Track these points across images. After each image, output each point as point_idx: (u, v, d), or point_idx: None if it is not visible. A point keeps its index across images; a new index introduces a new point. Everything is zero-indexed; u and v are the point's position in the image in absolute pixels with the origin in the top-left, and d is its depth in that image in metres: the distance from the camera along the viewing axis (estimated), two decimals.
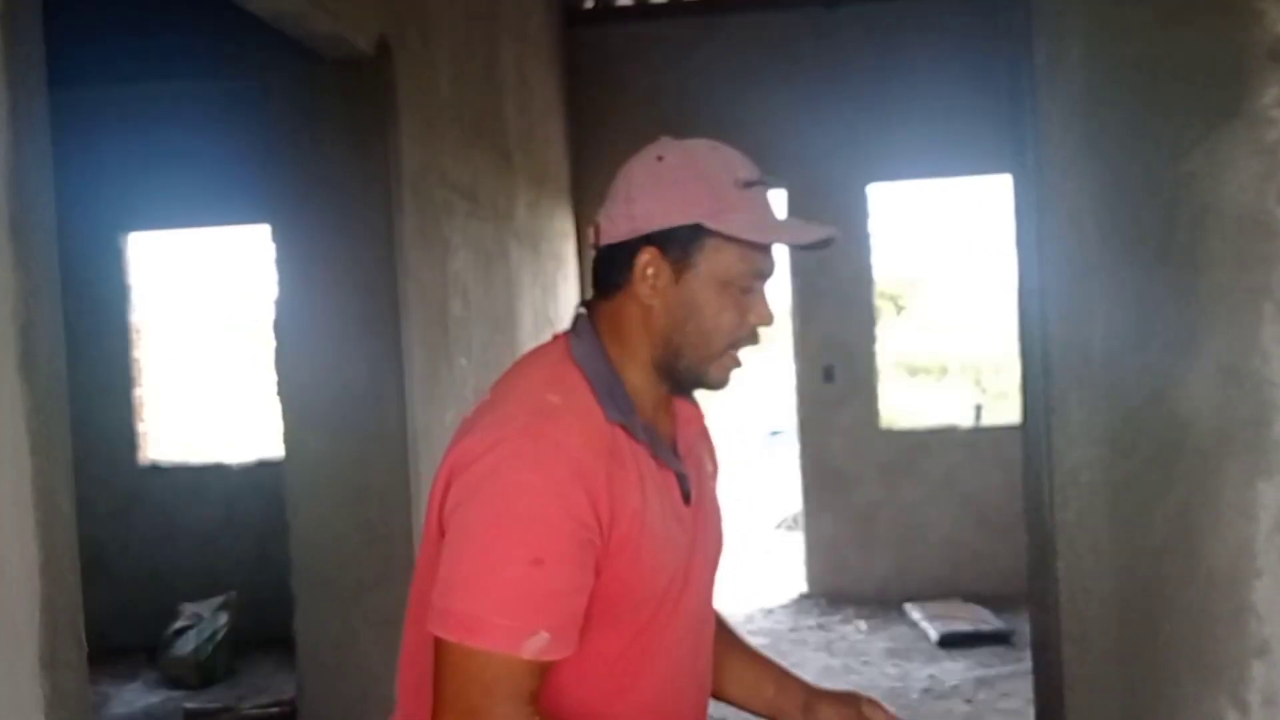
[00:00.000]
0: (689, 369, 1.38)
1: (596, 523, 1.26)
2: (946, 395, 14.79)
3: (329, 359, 3.29)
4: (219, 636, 5.65)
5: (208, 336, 13.77)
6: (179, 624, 5.73)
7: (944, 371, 17.21)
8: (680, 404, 1.49)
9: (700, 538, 1.47)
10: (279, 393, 3.34)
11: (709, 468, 1.56)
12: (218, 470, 6.50)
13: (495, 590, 1.22)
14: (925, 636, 6.06)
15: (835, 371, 6.91)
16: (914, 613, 6.34)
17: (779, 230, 1.37)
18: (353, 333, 3.29)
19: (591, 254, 1.44)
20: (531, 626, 1.21)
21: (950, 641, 5.86)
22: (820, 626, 6.43)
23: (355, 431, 3.25)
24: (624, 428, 1.34)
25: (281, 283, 3.36)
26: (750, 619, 6.64)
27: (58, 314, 1.82)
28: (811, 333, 6.93)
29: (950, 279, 18.72)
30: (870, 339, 6.95)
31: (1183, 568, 1.50)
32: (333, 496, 3.21)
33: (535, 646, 1.21)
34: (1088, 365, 1.57)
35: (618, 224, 1.37)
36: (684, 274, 1.35)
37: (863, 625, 6.42)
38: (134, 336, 6.50)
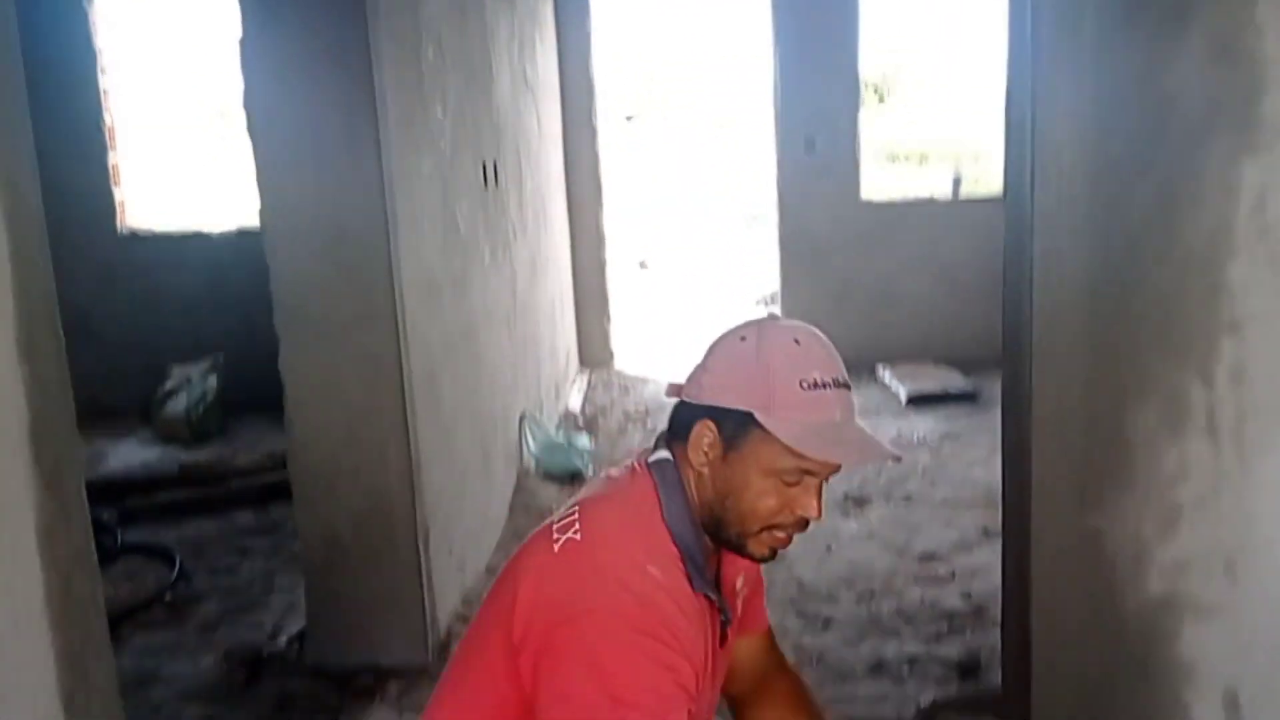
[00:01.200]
0: (728, 540, 1.47)
1: (696, 686, 1.37)
2: (926, 179, 14.67)
3: (299, 100, 3.20)
4: (209, 397, 5.75)
5: (179, 103, 13.34)
6: (169, 385, 5.82)
7: (924, 158, 17.01)
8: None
9: (722, 671, 1.60)
10: (250, 133, 3.26)
11: (741, 590, 1.64)
12: (199, 239, 6.44)
13: None
14: (895, 396, 6.22)
15: (817, 143, 6.82)
16: (884, 374, 6.48)
17: (823, 446, 1.38)
18: (323, 73, 3.18)
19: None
20: None
21: (918, 400, 6.03)
22: None
23: (331, 175, 3.20)
24: (702, 595, 1.44)
25: (246, 23, 3.23)
26: None
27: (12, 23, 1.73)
28: (795, 105, 6.79)
29: (934, 65, 18.27)
30: (854, 110, 6.83)
31: (1159, 246, 1.51)
32: (311, 239, 3.18)
33: None
34: (1077, 40, 1.54)
35: (692, 387, 1.47)
36: (731, 453, 1.42)
37: None
38: (104, 101, 6.31)
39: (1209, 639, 1.40)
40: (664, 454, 1.50)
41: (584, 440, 5.26)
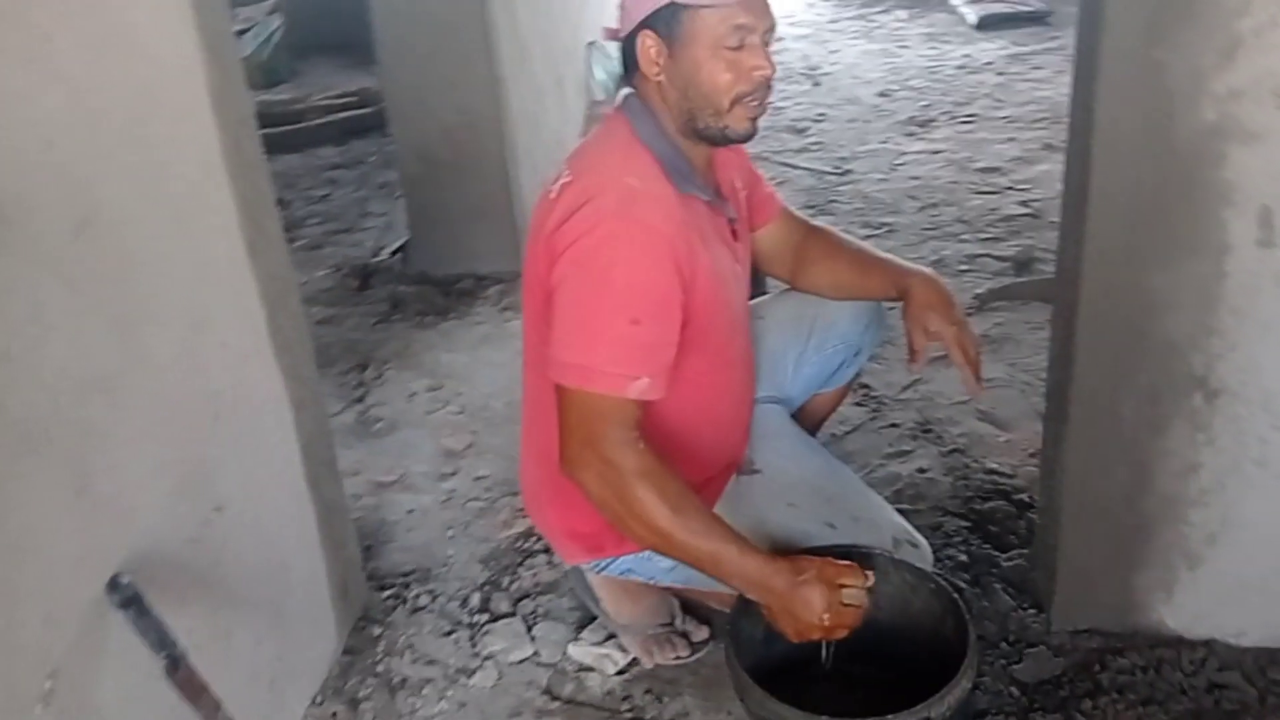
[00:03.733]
0: (708, 128, 1.59)
1: (680, 283, 1.53)
2: None
3: None
4: (275, 39, 5.81)
5: None
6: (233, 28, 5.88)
7: None
8: (718, 151, 1.70)
9: (745, 260, 1.79)
10: None
11: (741, 188, 1.82)
12: None
13: (603, 346, 1.50)
14: (963, 20, 6.12)
15: None
16: None
17: None
18: None
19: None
20: (635, 373, 1.50)
21: (988, 24, 5.94)
22: (860, 16, 6.49)
23: None
24: (691, 196, 1.59)
25: None
26: (792, 13, 6.67)
27: None
28: None
29: None
30: None
31: None
32: None
33: (639, 389, 1.50)
34: None
35: (622, 20, 1.59)
36: (675, 48, 1.54)
37: (902, 13, 6.47)
38: None
39: (1250, 162, 1.55)
40: (627, 91, 1.65)
41: None
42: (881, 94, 5.21)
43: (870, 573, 1.56)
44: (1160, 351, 1.70)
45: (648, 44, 1.57)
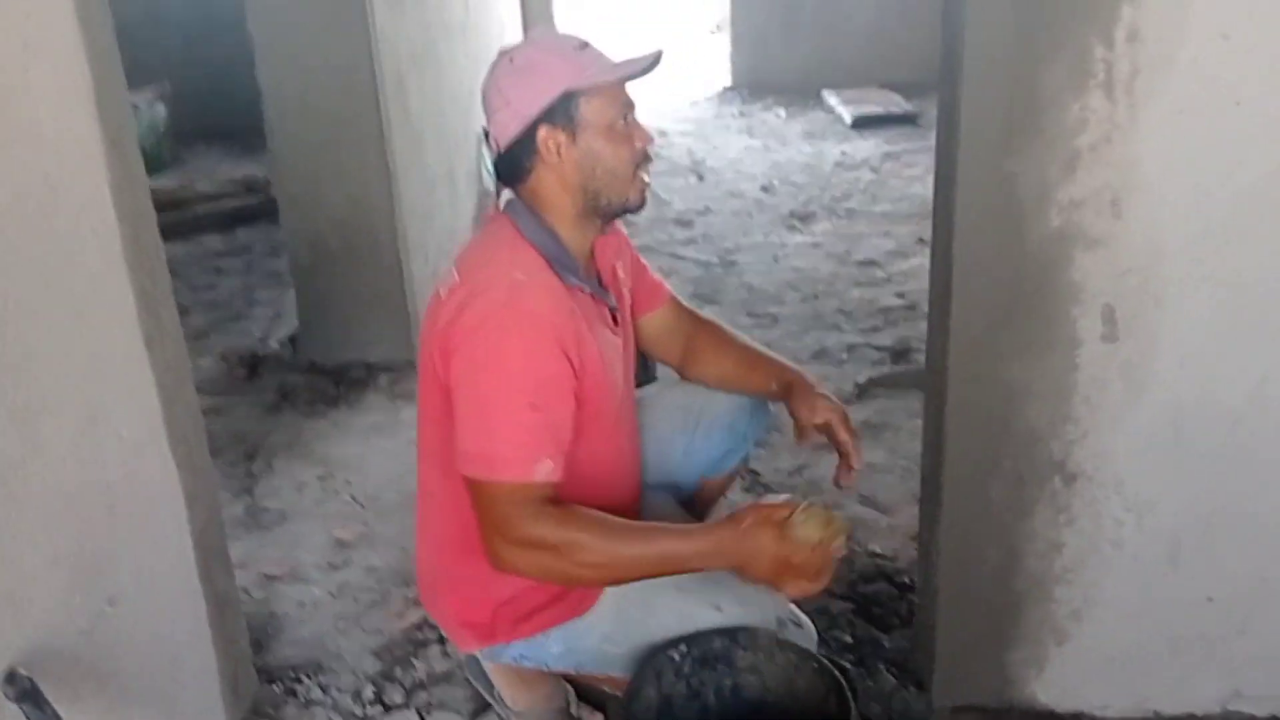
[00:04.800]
0: (610, 203, 1.71)
1: (571, 369, 1.61)
2: None
3: None
4: (160, 127, 5.77)
5: None
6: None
7: None
8: (598, 242, 1.81)
9: (627, 346, 1.87)
10: None
11: (624, 277, 1.92)
12: None
13: (505, 433, 1.56)
14: (839, 120, 6.44)
15: None
16: (830, 98, 6.68)
17: (625, 66, 1.65)
18: None
19: (494, 160, 1.74)
20: (536, 457, 1.56)
21: (862, 123, 6.26)
22: (742, 114, 6.77)
23: None
24: (576, 287, 1.68)
25: None
26: (676, 110, 6.91)
27: None
28: None
29: None
30: None
31: None
32: None
33: (543, 471, 1.56)
34: None
35: (508, 125, 1.66)
36: (576, 134, 1.65)
37: (782, 112, 6.77)
38: None
39: (1093, 266, 1.69)
40: (508, 195, 1.75)
41: None
42: (764, 188, 5.43)
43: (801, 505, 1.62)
44: (1022, 438, 1.82)
45: (549, 138, 1.66)
